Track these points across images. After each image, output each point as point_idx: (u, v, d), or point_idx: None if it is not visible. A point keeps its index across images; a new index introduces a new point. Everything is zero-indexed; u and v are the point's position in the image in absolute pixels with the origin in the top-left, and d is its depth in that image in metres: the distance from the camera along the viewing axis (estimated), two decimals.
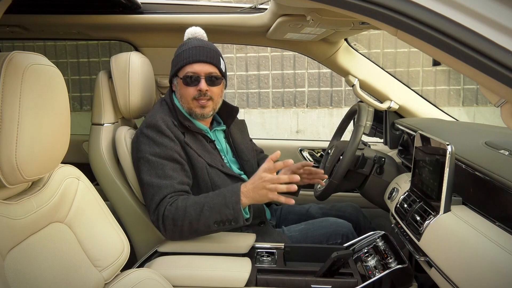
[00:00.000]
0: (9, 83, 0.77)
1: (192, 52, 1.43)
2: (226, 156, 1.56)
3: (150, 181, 1.32)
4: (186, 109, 1.46)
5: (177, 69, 1.45)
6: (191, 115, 1.47)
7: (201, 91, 1.41)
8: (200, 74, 1.42)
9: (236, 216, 1.23)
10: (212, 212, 1.23)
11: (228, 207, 1.22)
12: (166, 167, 1.34)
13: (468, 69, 0.62)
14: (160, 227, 1.29)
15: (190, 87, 1.43)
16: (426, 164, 1.09)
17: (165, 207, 1.27)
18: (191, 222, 1.24)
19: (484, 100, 3.98)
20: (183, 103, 1.47)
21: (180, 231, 1.27)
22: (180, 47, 1.49)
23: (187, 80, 1.42)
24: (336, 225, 1.50)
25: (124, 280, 1.08)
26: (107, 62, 1.82)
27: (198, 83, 1.42)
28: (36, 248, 0.87)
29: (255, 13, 1.72)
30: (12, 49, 0.86)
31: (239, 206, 1.23)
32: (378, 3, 0.65)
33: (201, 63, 1.42)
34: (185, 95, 1.44)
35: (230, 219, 1.23)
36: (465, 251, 0.85)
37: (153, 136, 1.36)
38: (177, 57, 1.47)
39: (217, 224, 1.24)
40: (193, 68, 1.42)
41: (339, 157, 1.54)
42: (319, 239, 1.47)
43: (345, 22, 1.43)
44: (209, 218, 1.23)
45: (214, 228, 1.25)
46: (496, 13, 0.59)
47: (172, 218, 1.26)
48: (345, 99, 4.11)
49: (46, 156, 0.87)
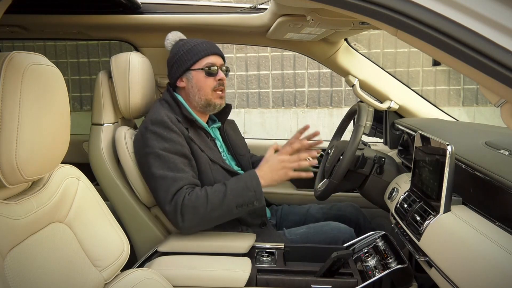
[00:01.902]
0: (9, 83, 0.77)
1: (204, 45, 1.48)
2: (224, 152, 1.58)
3: (164, 174, 1.33)
4: (204, 102, 1.48)
5: (193, 62, 1.47)
6: (208, 107, 1.50)
7: (221, 81, 1.48)
8: (217, 65, 1.48)
9: (258, 197, 1.31)
10: (235, 196, 1.30)
11: (250, 190, 1.31)
12: (177, 161, 1.35)
13: (468, 69, 0.62)
14: (178, 217, 1.29)
15: (210, 77, 1.47)
16: (426, 164, 1.09)
17: (184, 196, 1.29)
18: (214, 209, 1.29)
19: (484, 100, 3.98)
20: (201, 96, 1.48)
21: (201, 218, 1.29)
22: (181, 46, 1.50)
23: (208, 71, 1.46)
24: (338, 230, 1.51)
25: (124, 280, 1.08)
26: (107, 62, 1.82)
27: (217, 74, 1.48)
28: (36, 248, 0.87)
29: (255, 13, 1.72)
30: (12, 49, 0.86)
31: (260, 188, 1.32)
32: (378, 3, 0.65)
33: (216, 55, 1.49)
34: (204, 86, 1.47)
35: (252, 200, 1.31)
36: (465, 251, 0.85)
37: (160, 132, 1.37)
38: (189, 52, 1.48)
39: (239, 207, 1.31)
40: (212, 59, 1.48)
41: (339, 157, 1.54)
42: (319, 243, 1.47)
43: (345, 22, 1.43)
44: (232, 201, 1.30)
45: (235, 212, 1.32)
46: (496, 13, 0.59)
47: (193, 206, 1.28)
48: (345, 99, 4.11)
49: (46, 156, 0.87)
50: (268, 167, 1.35)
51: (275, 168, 1.34)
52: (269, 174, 1.34)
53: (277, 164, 1.34)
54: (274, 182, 1.35)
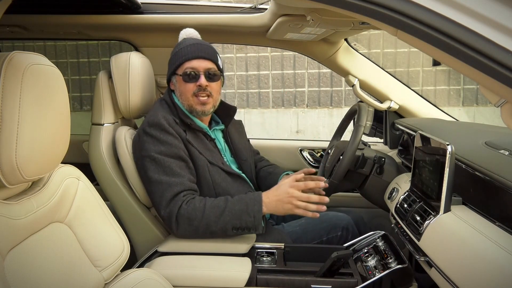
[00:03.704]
0: (9, 83, 0.77)
1: (190, 49, 1.44)
2: (225, 155, 1.57)
3: (159, 179, 1.32)
4: (187, 107, 1.46)
5: (176, 67, 1.45)
6: (191, 113, 1.47)
7: (200, 86, 1.42)
8: (199, 70, 1.43)
9: (256, 224, 1.27)
10: (232, 217, 1.26)
11: (249, 215, 1.27)
12: (173, 165, 1.34)
13: (468, 69, 0.62)
14: (173, 224, 1.29)
15: (189, 83, 1.43)
16: (426, 164, 1.09)
17: (180, 205, 1.28)
18: (209, 224, 1.27)
19: (484, 100, 3.98)
20: (183, 101, 1.46)
21: (194, 230, 1.28)
22: (176, 46, 1.49)
23: (186, 77, 1.43)
24: (336, 218, 1.53)
25: (124, 280, 1.08)
26: (107, 62, 1.82)
27: (197, 79, 1.43)
28: (36, 248, 0.87)
29: (255, 13, 1.72)
30: (12, 49, 0.86)
31: (260, 215, 1.27)
32: (378, 3, 0.65)
33: (199, 59, 1.43)
34: (184, 91, 1.45)
35: (249, 226, 1.27)
36: (465, 251, 0.85)
37: (157, 135, 1.36)
38: (175, 55, 1.47)
39: (235, 230, 1.28)
40: (192, 64, 1.43)
41: (339, 157, 1.54)
42: (319, 233, 1.49)
43: (345, 22, 1.43)
44: (228, 223, 1.27)
45: (230, 233, 1.29)
46: (496, 13, 0.59)
47: (188, 217, 1.27)
48: (345, 99, 4.10)
49: (46, 156, 0.87)
50: (275, 196, 1.29)
51: (282, 200, 1.28)
52: (273, 203, 1.29)
53: (285, 197, 1.27)
54: (277, 212, 1.31)
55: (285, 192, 1.28)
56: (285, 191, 1.28)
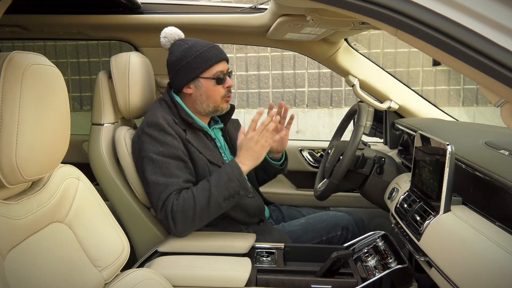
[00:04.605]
0: (9, 83, 0.77)
1: (214, 52, 1.45)
2: (225, 153, 1.57)
3: (156, 180, 1.33)
4: (212, 108, 1.48)
5: (202, 71, 1.42)
6: (216, 112, 1.50)
7: (229, 87, 1.48)
8: (225, 72, 1.47)
9: (243, 186, 1.31)
10: (220, 190, 1.29)
11: (233, 181, 1.30)
12: (171, 166, 1.34)
13: (468, 69, 0.62)
14: (170, 223, 1.30)
15: (220, 85, 1.46)
16: (426, 164, 1.09)
17: (172, 202, 1.29)
18: (203, 207, 1.29)
19: (484, 100, 3.97)
20: (210, 103, 1.46)
21: (192, 220, 1.29)
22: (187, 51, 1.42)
23: (219, 80, 1.45)
24: (336, 217, 1.54)
25: (124, 280, 1.08)
26: (107, 62, 1.82)
27: (225, 81, 1.47)
28: (36, 248, 0.87)
29: (255, 13, 1.72)
30: (12, 49, 0.86)
31: (242, 176, 1.32)
32: (378, 3, 0.65)
33: (224, 62, 1.47)
34: (214, 95, 1.46)
35: (237, 190, 1.31)
36: (465, 251, 0.85)
37: (155, 135, 1.36)
38: (197, 59, 1.41)
39: (226, 200, 1.31)
40: (221, 67, 1.45)
41: (339, 157, 1.54)
42: (319, 232, 1.49)
43: (345, 22, 1.43)
44: (219, 197, 1.29)
45: (224, 205, 1.32)
46: (496, 13, 0.59)
47: (182, 210, 1.28)
48: (345, 99, 4.10)
49: (46, 156, 0.87)
50: (244, 151, 1.35)
51: (250, 148, 1.34)
52: (247, 156, 1.34)
53: (250, 144, 1.34)
54: (256, 160, 1.35)
55: (246, 141, 1.35)
56: (245, 141, 1.35)
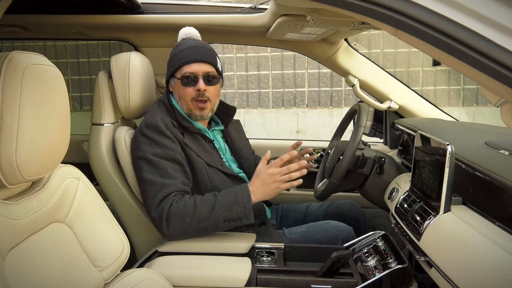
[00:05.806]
0: (9, 83, 0.77)
1: (189, 51, 1.43)
2: (225, 155, 1.57)
3: (153, 179, 1.32)
4: (186, 110, 1.46)
5: (175, 70, 1.45)
6: (190, 117, 1.47)
7: (199, 91, 1.42)
8: (198, 74, 1.42)
9: (247, 214, 1.28)
10: (224, 210, 1.27)
11: (239, 205, 1.27)
12: (168, 167, 1.34)
13: (468, 69, 0.62)
14: (163, 224, 1.28)
15: (188, 87, 1.43)
16: (426, 164, 1.09)
17: (171, 204, 1.27)
18: (201, 219, 1.27)
19: (484, 100, 3.98)
20: (182, 104, 1.46)
21: (187, 228, 1.27)
22: (175, 47, 1.48)
23: (185, 80, 1.42)
24: (337, 229, 1.50)
25: (124, 280, 1.08)
26: (107, 62, 1.82)
27: (196, 83, 1.42)
28: (36, 248, 0.87)
29: (255, 13, 1.72)
30: (12, 49, 0.87)
31: (250, 204, 1.28)
32: (378, 3, 0.65)
33: (198, 63, 1.42)
34: (183, 95, 1.44)
35: (240, 216, 1.28)
36: (465, 251, 0.85)
37: (153, 137, 1.36)
38: (174, 58, 1.46)
39: (227, 222, 1.28)
40: (191, 68, 1.42)
41: (339, 157, 1.54)
42: (319, 242, 1.47)
43: (345, 22, 1.43)
44: (220, 215, 1.27)
45: (222, 226, 1.29)
46: (496, 13, 0.59)
47: (180, 214, 1.26)
48: (345, 99, 4.10)
49: (46, 156, 0.87)
50: (259, 182, 1.31)
51: (266, 183, 1.30)
52: (260, 188, 1.30)
53: (268, 178, 1.30)
54: (267, 196, 1.32)
55: (265, 174, 1.30)
56: (265, 173, 1.30)
